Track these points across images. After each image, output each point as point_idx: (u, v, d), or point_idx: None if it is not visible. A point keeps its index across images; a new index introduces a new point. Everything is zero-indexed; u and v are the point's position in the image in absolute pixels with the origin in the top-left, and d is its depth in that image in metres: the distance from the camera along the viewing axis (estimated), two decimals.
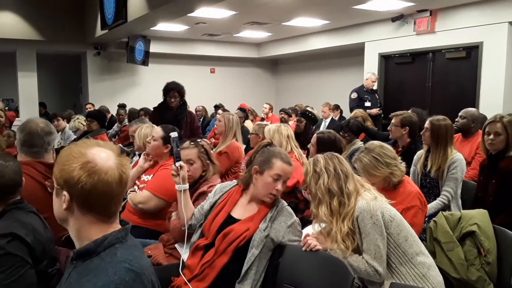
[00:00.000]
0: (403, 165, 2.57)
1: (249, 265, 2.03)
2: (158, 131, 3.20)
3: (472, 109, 4.31)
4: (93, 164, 1.17)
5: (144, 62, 9.89)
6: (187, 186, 2.30)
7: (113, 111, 8.41)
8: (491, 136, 3.00)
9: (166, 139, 3.07)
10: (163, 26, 8.45)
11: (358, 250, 2.06)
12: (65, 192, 1.18)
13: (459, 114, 4.25)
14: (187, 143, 2.72)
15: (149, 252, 2.51)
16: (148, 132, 3.52)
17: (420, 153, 3.54)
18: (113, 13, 7.10)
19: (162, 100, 4.80)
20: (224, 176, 3.90)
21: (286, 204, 2.23)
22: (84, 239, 1.21)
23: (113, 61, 10.29)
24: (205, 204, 2.32)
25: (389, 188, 2.53)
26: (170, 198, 2.79)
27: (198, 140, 2.88)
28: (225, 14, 7.49)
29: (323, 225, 2.17)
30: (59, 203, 1.21)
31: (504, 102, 6.38)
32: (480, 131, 4.18)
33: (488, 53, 6.58)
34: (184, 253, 2.23)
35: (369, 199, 2.05)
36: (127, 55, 9.53)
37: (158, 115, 4.75)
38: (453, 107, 5.39)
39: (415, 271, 2.03)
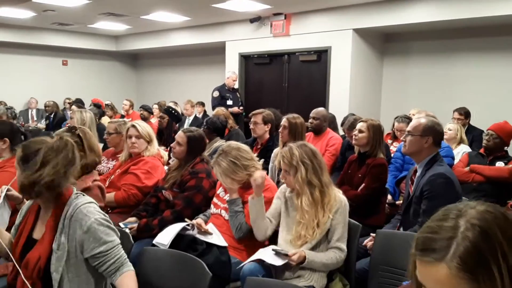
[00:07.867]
0: (259, 164, 2.67)
1: None
2: None
3: (322, 110, 4.62)
4: None
5: None
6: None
7: None
8: (356, 132, 3.37)
9: None
10: (4, 12, 7.53)
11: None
12: None
13: (312, 115, 4.48)
14: (61, 130, 2.57)
15: None
16: None
17: (276, 150, 3.71)
18: None
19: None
20: None
21: (81, 204, 1.69)
22: None
23: None
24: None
25: (249, 183, 2.57)
26: None
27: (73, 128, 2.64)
28: (77, 3, 6.90)
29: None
30: None
31: (349, 101, 7.04)
32: (329, 129, 4.56)
33: (335, 57, 7.19)
34: None
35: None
36: None
37: None
38: (306, 106, 5.77)
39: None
